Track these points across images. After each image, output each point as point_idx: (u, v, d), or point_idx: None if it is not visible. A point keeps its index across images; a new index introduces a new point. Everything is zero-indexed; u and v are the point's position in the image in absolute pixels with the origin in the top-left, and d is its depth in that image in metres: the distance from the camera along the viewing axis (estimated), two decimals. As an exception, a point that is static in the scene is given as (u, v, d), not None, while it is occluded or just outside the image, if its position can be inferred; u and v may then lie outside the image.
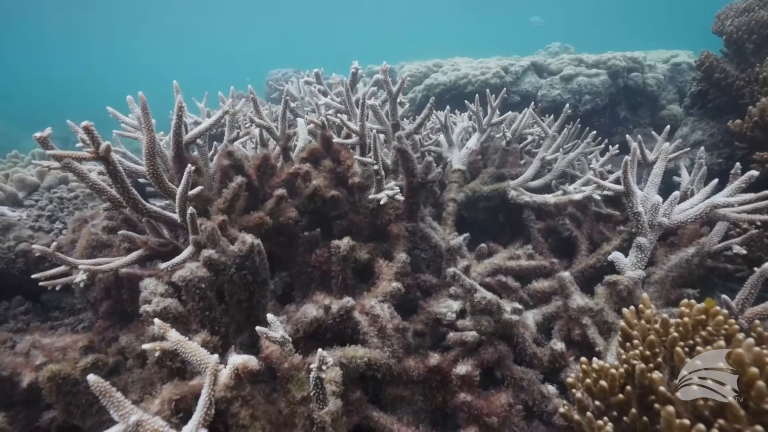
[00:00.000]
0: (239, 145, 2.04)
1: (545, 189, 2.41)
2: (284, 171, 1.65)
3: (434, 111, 2.88)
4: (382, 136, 2.25)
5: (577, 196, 2.03)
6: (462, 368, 1.20)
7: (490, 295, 1.30)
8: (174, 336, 0.85)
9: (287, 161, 1.77)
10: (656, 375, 0.80)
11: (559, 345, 1.37)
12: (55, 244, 1.25)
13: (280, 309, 1.60)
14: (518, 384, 1.36)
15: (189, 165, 1.14)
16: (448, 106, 2.67)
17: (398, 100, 2.90)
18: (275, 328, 0.90)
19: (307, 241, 1.80)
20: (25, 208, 1.77)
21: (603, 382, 0.86)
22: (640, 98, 4.33)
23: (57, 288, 1.31)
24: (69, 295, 1.67)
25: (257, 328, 0.87)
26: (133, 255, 1.32)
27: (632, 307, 1.05)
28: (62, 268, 1.30)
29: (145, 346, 0.85)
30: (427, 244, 1.93)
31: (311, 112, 2.76)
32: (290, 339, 0.93)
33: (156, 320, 0.86)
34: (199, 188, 1.22)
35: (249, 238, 1.18)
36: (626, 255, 1.57)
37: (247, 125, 1.65)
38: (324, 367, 0.78)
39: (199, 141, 1.79)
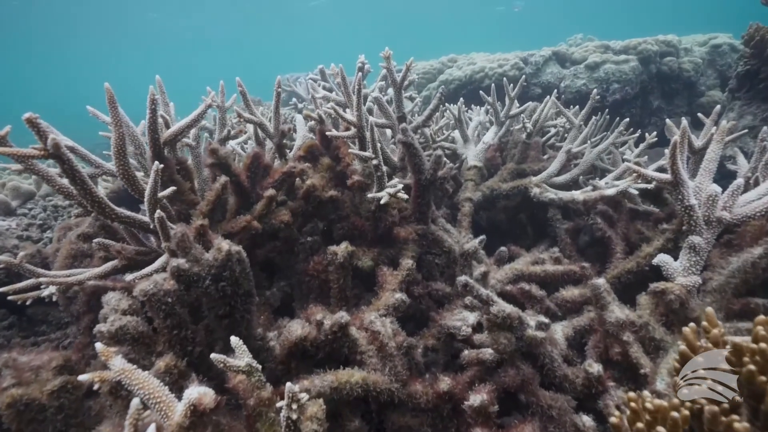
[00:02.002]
0: (237, 146, 1.92)
1: (572, 185, 2.17)
2: (277, 170, 1.51)
3: (448, 105, 2.69)
4: (388, 132, 2.08)
5: (610, 191, 1.79)
6: (476, 398, 1.00)
7: (509, 308, 1.10)
8: (118, 364, 0.70)
9: (283, 160, 1.62)
10: (740, 424, 0.59)
11: (595, 367, 1.14)
12: (22, 254, 1.14)
13: (274, 323, 1.45)
14: (546, 413, 1.14)
15: (156, 163, 1.00)
16: (462, 99, 2.48)
17: (408, 94, 2.72)
18: (239, 354, 0.75)
19: (309, 247, 1.65)
20: (17, 217, 1.71)
21: (661, 429, 0.65)
22: (675, 85, 3.98)
23: (28, 302, 1.20)
24: (56, 308, 1.58)
25: (212, 355, 0.72)
26: (108, 265, 1.20)
27: (693, 325, 0.82)
28: (33, 280, 1.19)
29: (81, 377, 0.70)
30: (439, 249, 1.74)
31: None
32: (259, 367, 0.77)
33: (97, 345, 0.72)
34: (171, 189, 1.09)
35: (225, 244, 1.03)
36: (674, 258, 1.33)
37: (234, 121, 1.52)
38: (294, 406, 0.61)
39: (191, 141, 1.67)
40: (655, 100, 4.00)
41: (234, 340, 0.75)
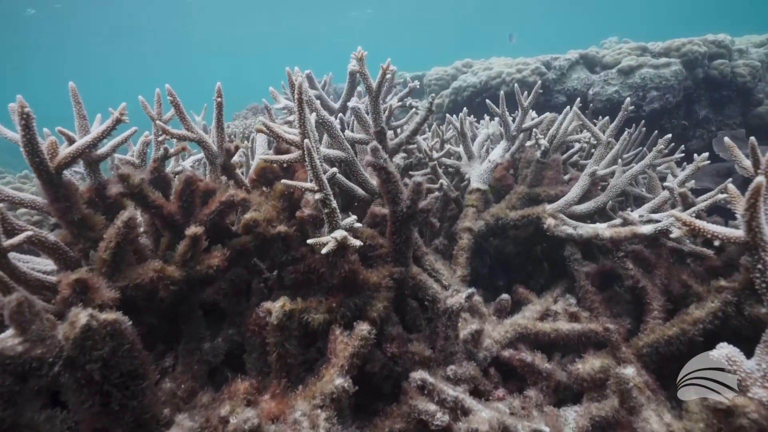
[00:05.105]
0: (189, 166, 1.66)
1: (597, 215, 1.78)
2: (215, 199, 1.22)
3: (450, 117, 2.35)
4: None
5: (645, 229, 1.40)
6: None
7: (486, 422, 0.74)
8: None
9: (226, 184, 1.34)
10: None
11: None
12: None
13: (200, 391, 1.15)
14: None
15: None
16: (465, 109, 2.13)
17: (407, 102, 2.39)
18: None
19: (267, 288, 1.38)
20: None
21: None
22: (726, 92, 3.45)
23: None
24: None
25: None
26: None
27: None
28: None
29: None
30: (422, 296, 1.41)
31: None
32: None
33: None
34: (24, 235, 0.81)
35: (83, 316, 0.74)
36: (733, 341, 0.94)
37: (160, 138, 1.25)
38: None
39: (133, 160, 1.42)
40: (702, 110, 3.48)
41: None
